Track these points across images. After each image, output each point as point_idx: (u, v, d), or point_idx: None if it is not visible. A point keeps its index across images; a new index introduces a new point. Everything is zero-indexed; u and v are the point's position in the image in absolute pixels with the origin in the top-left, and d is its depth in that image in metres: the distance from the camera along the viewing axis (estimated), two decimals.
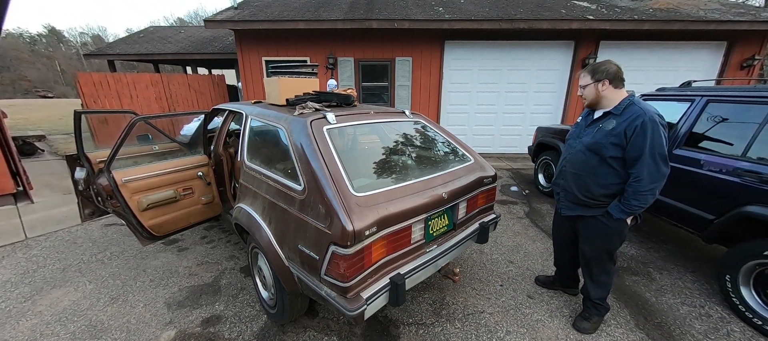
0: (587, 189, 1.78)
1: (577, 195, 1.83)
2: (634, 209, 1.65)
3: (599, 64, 1.71)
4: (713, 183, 2.28)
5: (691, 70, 6.60)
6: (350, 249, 1.33)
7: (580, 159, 1.79)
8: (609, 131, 1.65)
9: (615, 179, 1.70)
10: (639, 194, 1.60)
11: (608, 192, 1.73)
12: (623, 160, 1.65)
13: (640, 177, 1.58)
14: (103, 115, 6.80)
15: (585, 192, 1.79)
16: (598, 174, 1.72)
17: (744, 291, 2.08)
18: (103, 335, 1.97)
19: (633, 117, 1.58)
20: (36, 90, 40.90)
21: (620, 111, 1.65)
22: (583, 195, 1.80)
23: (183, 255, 2.88)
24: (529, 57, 6.64)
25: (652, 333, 2.00)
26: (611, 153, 1.65)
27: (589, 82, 1.73)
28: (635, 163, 1.59)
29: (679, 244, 3.12)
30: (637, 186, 1.60)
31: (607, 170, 1.70)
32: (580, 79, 1.79)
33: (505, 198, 4.40)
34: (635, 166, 1.59)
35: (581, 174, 1.79)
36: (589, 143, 1.74)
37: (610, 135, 1.64)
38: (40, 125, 11.83)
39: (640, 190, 1.59)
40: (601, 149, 1.68)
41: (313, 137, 1.62)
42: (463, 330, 2.02)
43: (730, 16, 6.12)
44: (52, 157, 6.87)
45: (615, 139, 1.62)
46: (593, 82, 1.71)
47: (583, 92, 1.77)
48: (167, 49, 9.34)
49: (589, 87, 1.73)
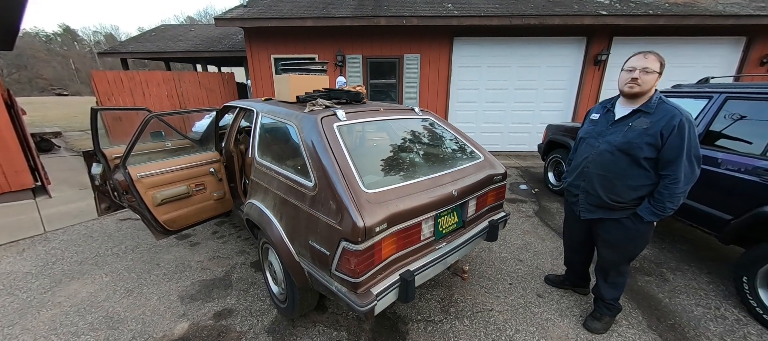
0: (614, 191, 1.68)
1: (602, 197, 1.73)
2: (668, 211, 1.58)
3: (659, 54, 1.56)
4: (731, 183, 2.22)
5: (709, 67, 6.41)
6: (361, 245, 1.34)
7: (608, 159, 1.67)
8: (643, 131, 1.55)
9: (646, 180, 1.61)
10: (675, 196, 1.53)
11: (638, 194, 1.65)
12: (655, 160, 1.57)
13: (677, 178, 1.51)
14: (117, 112, 6.95)
15: (611, 195, 1.70)
16: (629, 176, 1.63)
17: (762, 294, 2.03)
18: (120, 326, 2.03)
19: (669, 116, 1.50)
20: (52, 88, 42.04)
21: (653, 109, 1.56)
22: (609, 198, 1.70)
23: (195, 250, 2.94)
24: (540, 54, 6.54)
25: (665, 334, 1.97)
26: (645, 153, 1.55)
27: (657, 71, 1.54)
28: (671, 164, 1.52)
29: (693, 245, 3.05)
30: (674, 189, 1.52)
31: (638, 171, 1.61)
32: (644, 61, 1.55)
33: (514, 196, 4.36)
34: (670, 168, 1.52)
35: (609, 176, 1.68)
36: (620, 143, 1.62)
37: (645, 135, 1.54)
38: (56, 122, 12.16)
39: (677, 192, 1.52)
40: (633, 149, 1.57)
41: (323, 134, 1.63)
42: (472, 327, 2.01)
43: (750, 10, 5.91)
44: (68, 153, 7.06)
45: (650, 139, 1.53)
46: (659, 72, 1.55)
47: (642, 78, 1.55)
48: (178, 48, 9.48)
49: (653, 75, 1.54)
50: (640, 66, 1.55)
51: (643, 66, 1.54)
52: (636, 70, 1.56)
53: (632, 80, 1.57)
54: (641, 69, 1.55)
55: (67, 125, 11.47)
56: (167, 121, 3.04)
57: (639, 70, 1.55)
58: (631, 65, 1.59)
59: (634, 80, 1.57)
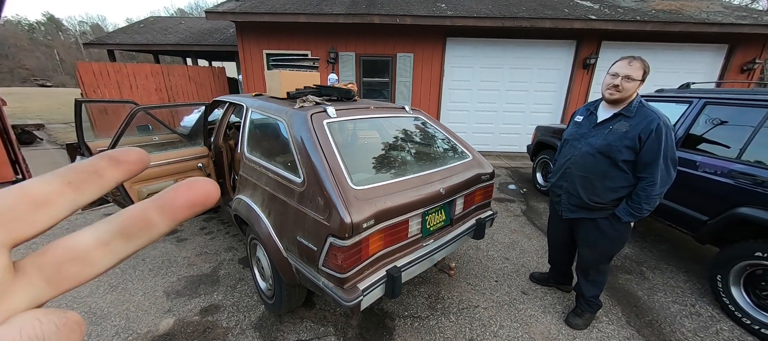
0: (595, 192, 1.74)
1: (582, 198, 1.78)
2: (644, 212, 1.64)
3: (644, 60, 1.59)
4: (708, 185, 2.31)
5: (692, 73, 6.60)
6: (348, 241, 1.35)
7: (589, 161, 1.73)
8: (623, 134, 1.61)
9: (624, 182, 1.67)
10: (651, 198, 1.59)
11: (617, 195, 1.70)
12: (633, 163, 1.62)
13: (654, 181, 1.56)
14: (103, 104, 6.79)
15: (592, 196, 1.75)
16: (608, 178, 1.68)
17: (734, 291, 2.12)
18: (103, 322, 2.00)
19: (647, 120, 1.55)
20: (34, 78, 40.70)
21: (633, 113, 1.61)
22: (589, 198, 1.76)
23: (182, 246, 2.91)
24: (531, 56, 6.64)
25: (643, 330, 2.04)
26: (624, 156, 1.61)
27: (639, 79, 1.58)
28: (648, 167, 1.57)
29: (673, 244, 3.15)
30: (650, 191, 1.58)
31: (617, 173, 1.67)
32: (628, 68, 1.58)
33: (502, 196, 4.43)
34: (648, 170, 1.57)
35: (590, 177, 1.74)
36: (600, 146, 1.67)
37: (625, 138, 1.60)
38: (39, 114, 11.79)
39: (653, 194, 1.58)
40: (613, 152, 1.63)
41: (313, 130, 1.63)
42: (458, 323, 2.05)
43: (732, 18, 6.12)
44: (52, 145, 6.86)
45: (629, 142, 1.58)
46: (641, 80, 1.58)
47: (624, 85, 1.58)
48: (167, 40, 9.29)
49: (635, 83, 1.58)
50: (623, 73, 1.59)
51: (625, 73, 1.58)
52: (619, 76, 1.60)
53: (613, 87, 1.62)
54: (624, 76, 1.59)
55: (50, 117, 11.13)
56: (155, 114, 2.99)
57: (622, 77, 1.59)
58: (615, 71, 1.63)
59: (616, 87, 1.61)
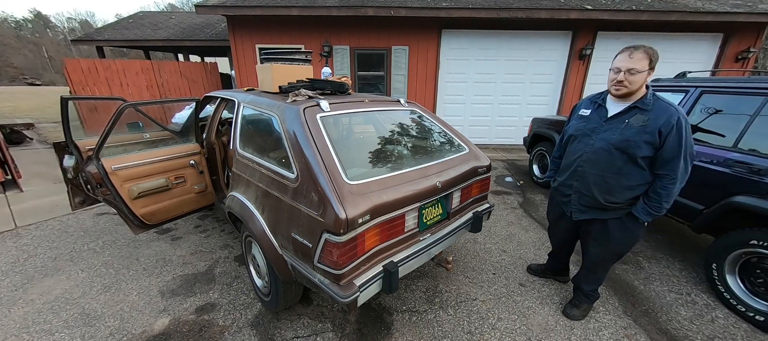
0: (610, 191, 1.62)
1: (597, 198, 1.66)
2: (662, 211, 1.55)
3: (652, 48, 1.48)
4: (704, 174, 2.30)
5: (688, 62, 6.60)
6: (343, 237, 1.33)
7: (604, 158, 1.60)
8: (641, 128, 1.49)
9: (640, 180, 1.57)
10: (671, 196, 1.50)
11: (633, 194, 1.60)
12: (651, 159, 1.52)
13: (675, 178, 1.47)
14: (92, 102, 6.66)
15: (607, 196, 1.63)
16: (624, 175, 1.57)
17: (729, 279, 2.13)
18: (96, 322, 1.97)
19: (668, 114, 1.44)
20: (23, 77, 39.89)
21: (649, 105, 1.50)
22: (605, 199, 1.64)
23: (177, 244, 2.87)
24: (527, 47, 6.59)
25: (639, 319, 2.05)
26: (644, 152, 1.49)
27: (646, 69, 1.46)
28: (669, 163, 1.47)
29: (669, 234, 3.17)
30: (671, 188, 1.48)
31: (634, 170, 1.56)
32: (629, 61, 1.48)
33: (499, 188, 4.43)
34: (668, 167, 1.48)
35: (605, 175, 1.61)
36: (617, 141, 1.54)
37: (643, 132, 1.48)
38: (28, 113, 11.56)
39: (674, 192, 1.49)
40: (631, 147, 1.51)
41: (306, 125, 1.59)
42: (456, 316, 2.05)
43: (727, 7, 6.11)
44: (42, 145, 6.74)
45: (648, 137, 1.47)
46: (649, 70, 1.47)
47: (628, 79, 1.49)
48: (158, 36, 9.09)
49: (642, 74, 1.47)
50: (625, 67, 1.49)
51: (628, 67, 1.48)
52: (621, 72, 1.50)
53: (618, 82, 1.52)
54: (626, 70, 1.49)
55: (40, 116, 10.92)
56: (145, 111, 2.92)
57: (624, 72, 1.49)
58: (617, 66, 1.53)
59: (620, 83, 1.51)
